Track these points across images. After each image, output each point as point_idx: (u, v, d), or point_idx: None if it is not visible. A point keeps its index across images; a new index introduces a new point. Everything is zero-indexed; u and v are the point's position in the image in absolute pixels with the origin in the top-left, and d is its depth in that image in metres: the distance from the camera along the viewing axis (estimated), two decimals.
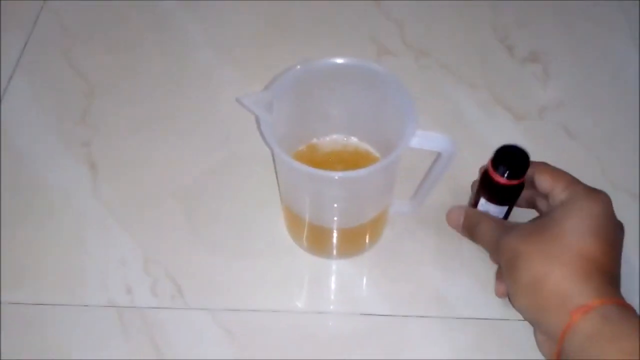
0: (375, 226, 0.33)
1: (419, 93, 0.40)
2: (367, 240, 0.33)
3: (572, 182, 0.29)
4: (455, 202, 0.35)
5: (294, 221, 0.33)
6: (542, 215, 0.32)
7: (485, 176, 0.31)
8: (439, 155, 0.28)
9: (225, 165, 0.38)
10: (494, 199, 0.31)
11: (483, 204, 0.32)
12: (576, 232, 0.27)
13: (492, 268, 0.33)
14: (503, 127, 0.40)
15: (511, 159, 0.29)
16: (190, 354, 0.31)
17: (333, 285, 0.34)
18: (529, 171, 0.30)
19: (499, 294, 0.32)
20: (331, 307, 0.33)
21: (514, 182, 0.30)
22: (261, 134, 0.28)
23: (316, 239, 0.33)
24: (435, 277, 0.33)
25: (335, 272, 0.34)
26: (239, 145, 0.39)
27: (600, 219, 0.27)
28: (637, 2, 0.46)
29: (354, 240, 0.33)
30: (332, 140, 0.34)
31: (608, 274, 0.27)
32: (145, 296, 0.33)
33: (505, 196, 0.31)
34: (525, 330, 0.31)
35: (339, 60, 0.29)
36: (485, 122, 0.40)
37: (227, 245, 0.35)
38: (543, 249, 0.27)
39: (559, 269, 0.26)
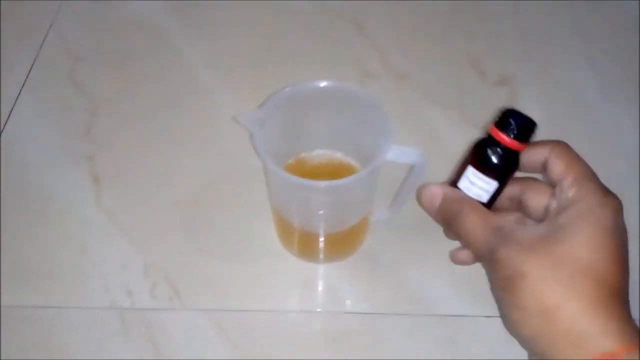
0: (358, 232, 0.36)
1: (398, 113, 0.44)
2: (351, 246, 0.37)
3: (584, 176, 0.26)
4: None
5: (284, 228, 0.36)
6: (530, 214, 0.29)
7: (480, 142, 0.28)
8: (411, 167, 0.32)
9: (219, 178, 0.41)
10: (488, 167, 0.27)
11: (469, 177, 0.28)
12: (591, 250, 0.23)
13: (463, 268, 0.36)
14: None
15: (520, 118, 0.27)
16: (186, 352, 0.33)
17: (320, 287, 0.37)
18: (544, 151, 0.27)
19: (457, 261, 0.31)
20: (318, 309, 0.35)
21: (518, 144, 0.27)
22: (254, 147, 0.31)
23: (304, 244, 0.36)
24: (412, 278, 0.36)
25: (322, 275, 0.37)
26: (233, 159, 0.42)
27: (615, 233, 0.24)
28: (593, 30, 0.51)
29: (339, 245, 0.36)
30: (319, 154, 0.37)
31: (625, 301, 0.24)
32: (145, 298, 0.35)
33: (503, 164, 0.27)
34: (494, 326, 0.34)
35: (324, 83, 0.33)
36: (458, 140, 0.43)
37: (221, 251, 0.37)
38: (553, 271, 0.23)
39: (574, 301, 0.23)
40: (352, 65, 0.48)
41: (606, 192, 0.25)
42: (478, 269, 0.36)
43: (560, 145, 0.27)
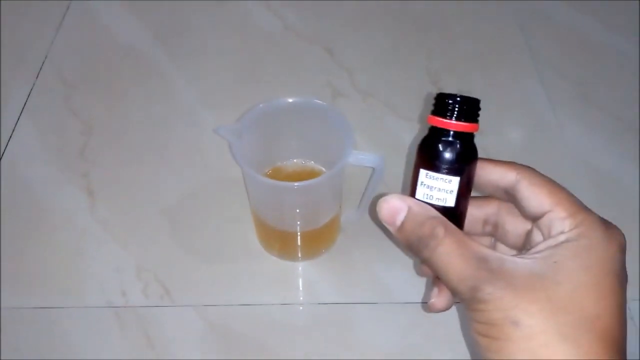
0: (330, 230, 0.40)
1: (365, 126, 0.49)
2: (324, 243, 0.41)
3: (576, 206, 0.22)
4: None
5: (263, 230, 0.40)
6: (506, 240, 0.25)
7: (425, 139, 0.24)
8: (372, 170, 0.36)
9: (204, 188, 0.45)
10: (441, 163, 0.23)
11: (425, 182, 0.23)
12: (595, 297, 0.20)
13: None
14: None
15: (457, 97, 0.23)
16: (177, 343, 0.37)
17: (298, 282, 0.40)
18: (508, 174, 0.23)
19: (436, 310, 0.27)
20: (297, 299, 0.39)
21: (466, 125, 0.23)
22: (233, 156, 0.35)
23: (282, 243, 0.40)
24: (378, 271, 0.40)
25: (300, 271, 0.41)
26: (215, 172, 0.46)
27: (619, 276, 0.21)
28: (545, 51, 0.57)
29: (314, 243, 0.40)
30: (293, 163, 0.41)
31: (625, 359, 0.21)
32: (138, 297, 0.39)
33: (457, 153, 0.23)
34: (450, 311, 0.38)
35: (293, 99, 0.37)
36: None
37: (206, 254, 0.41)
38: (553, 322, 0.20)
39: None
40: (323, 85, 0.53)
41: (607, 224, 0.22)
42: None
43: (530, 169, 0.24)
